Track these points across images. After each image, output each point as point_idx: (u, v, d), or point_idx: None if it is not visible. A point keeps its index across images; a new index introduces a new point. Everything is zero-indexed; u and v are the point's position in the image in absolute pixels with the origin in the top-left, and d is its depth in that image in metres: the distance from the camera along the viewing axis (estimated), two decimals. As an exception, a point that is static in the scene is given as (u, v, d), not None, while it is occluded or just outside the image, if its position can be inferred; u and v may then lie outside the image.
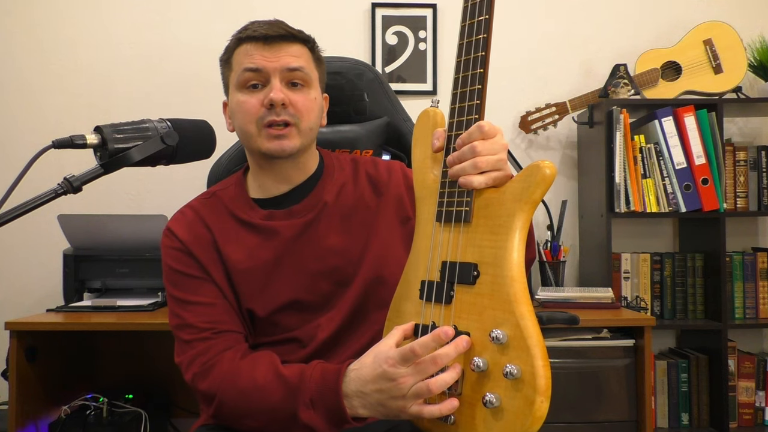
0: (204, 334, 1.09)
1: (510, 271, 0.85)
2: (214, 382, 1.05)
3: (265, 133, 1.11)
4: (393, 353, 0.89)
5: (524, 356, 0.80)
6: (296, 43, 1.15)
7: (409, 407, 0.89)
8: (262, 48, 1.12)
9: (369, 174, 1.24)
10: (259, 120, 1.11)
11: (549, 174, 0.85)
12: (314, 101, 1.16)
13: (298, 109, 1.12)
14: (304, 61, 1.15)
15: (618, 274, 2.38)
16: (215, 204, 1.20)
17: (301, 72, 1.13)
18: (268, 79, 1.12)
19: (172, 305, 1.15)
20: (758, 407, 2.35)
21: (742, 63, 2.40)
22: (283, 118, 1.11)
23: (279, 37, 1.12)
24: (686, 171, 2.27)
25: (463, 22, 0.95)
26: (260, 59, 1.11)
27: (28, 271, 2.44)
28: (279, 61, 1.12)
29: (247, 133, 1.14)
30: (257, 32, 1.12)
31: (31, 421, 1.85)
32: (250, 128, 1.12)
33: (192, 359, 1.08)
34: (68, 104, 2.48)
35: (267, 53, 1.11)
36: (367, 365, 0.93)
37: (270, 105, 1.10)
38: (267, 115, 1.11)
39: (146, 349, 2.23)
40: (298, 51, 1.14)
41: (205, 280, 1.13)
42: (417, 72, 2.54)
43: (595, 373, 1.90)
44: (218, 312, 1.12)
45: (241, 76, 1.12)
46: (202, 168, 1.52)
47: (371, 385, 0.91)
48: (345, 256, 1.15)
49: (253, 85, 1.12)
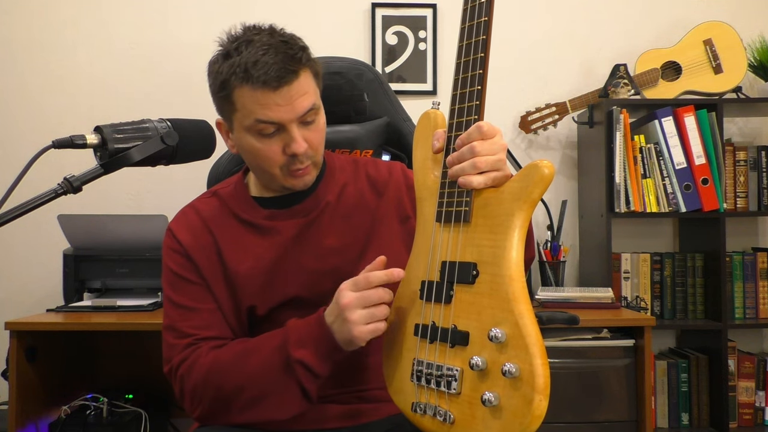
0: (187, 340, 1.11)
1: (509, 270, 0.85)
2: (201, 371, 1.07)
3: (291, 175, 1.13)
4: (351, 280, 1.00)
5: (523, 355, 0.81)
6: (301, 73, 1.08)
7: (352, 330, 0.97)
8: (272, 94, 1.05)
9: (369, 174, 1.25)
10: (283, 167, 1.12)
11: (547, 173, 0.85)
12: (323, 128, 1.16)
13: (314, 147, 1.13)
14: (312, 93, 1.10)
15: (618, 274, 2.38)
16: (217, 203, 1.21)
17: (312, 109, 1.10)
18: (283, 126, 1.08)
19: (165, 304, 1.17)
20: (758, 407, 2.35)
21: (742, 63, 2.40)
22: (306, 163, 1.13)
23: (288, 80, 1.05)
24: (686, 171, 2.27)
25: (463, 23, 0.95)
26: (275, 110, 1.06)
27: (28, 271, 2.45)
28: (294, 110, 1.07)
29: (269, 175, 1.14)
30: (267, 81, 1.04)
31: (31, 421, 1.86)
32: (274, 172, 1.13)
33: (177, 364, 1.10)
34: (68, 104, 2.48)
35: (279, 100, 1.05)
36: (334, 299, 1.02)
37: (293, 155, 1.10)
38: (291, 164, 1.11)
39: (146, 349, 2.23)
40: (305, 84, 1.08)
41: (199, 285, 1.15)
42: (417, 72, 2.54)
43: (595, 373, 1.90)
44: (206, 318, 1.13)
45: (255, 126, 1.08)
46: (202, 168, 1.52)
47: (334, 311, 1.00)
48: (345, 255, 1.16)
49: (268, 132, 1.09)
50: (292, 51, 1.07)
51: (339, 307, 0.99)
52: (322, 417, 1.13)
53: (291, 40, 1.09)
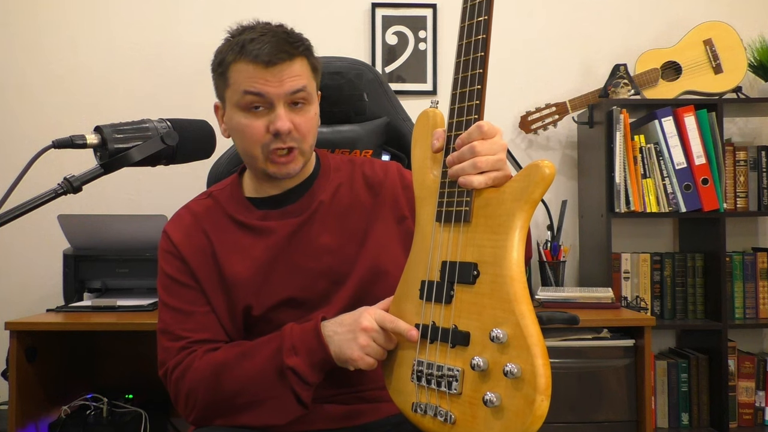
0: (181, 343, 1.11)
1: (510, 270, 0.85)
2: (195, 375, 1.07)
3: (271, 158, 1.12)
4: (380, 312, 1.01)
5: (524, 355, 0.81)
6: (297, 58, 1.11)
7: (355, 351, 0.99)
8: (263, 71, 1.08)
9: (365, 174, 1.24)
10: (264, 146, 1.11)
11: (548, 173, 0.85)
12: (314, 119, 1.16)
13: (301, 132, 1.13)
14: (305, 78, 1.12)
15: (618, 274, 2.38)
16: (212, 205, 1.21)
17: (303, 92, 1.11)
18: (271, 103, 1.09)
19: (160, 308, 1.17)
20: (758, 407, 2.35)
21: (742, 63, 2.40)
22: (288, 144, 1.12)
23: (281, 59, 1.08)
24: (686, 171, 2.27)
25: (463, 22, 0.95)
26: (263, 84, 1.08)
27: (28, 271, 2.44)
28: (282, 86, 1.09)
29: (250, 156, 1.14)
30: (259, 55, 1.07)
31: (31, 421, 1.85)
32: (255, 152, 1.12)
33: (172, 368, 1.10)
34: (68, 104, 2.48)
35: (269, 77, 1.08)
36: (350, 313, 1.04)
37: (276, 133, 1.10)
38: (272, 142, 1.11)
39: (146, 349, 2.20)
40: (299, 69, 1.11)
41: (194, 288, 1.15)
42: (417, 72, 2.54)
43: (595, 373, 1.90)
44: (200, 321, 1.13)
45: (242, 99, 1.09)
46: (202, 168, 1.52)
47: (346, 325, 1.02)
48: (339, 254, 1.16)
49: (255, 106, 1.10)
50: (291, 39, 1.10)
51: (356, 325, 1.01)
52: (322, 417, 1.13)
53: (294, 33, 1.13)
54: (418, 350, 0.95)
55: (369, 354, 0.99)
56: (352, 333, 1.00)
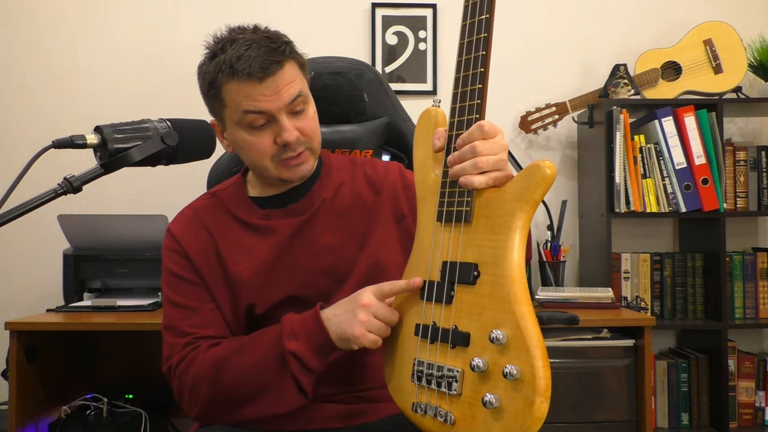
0: (186, 339, 1.11)
1: (510, 271, 0.85)
2: (198, 369, 1.07)
3: (283, 165, 1.13)
4: (377, 285, 1.01)
5: (524, 357, 0.80)
6: (285, 63, 1.09)
7: (356, 328, 0.98)
8: (258, 86, 1.06)
9: (367, 174, 1.25)
10: (275, 157, 1.12)
11: (549, 174, 0.85)
12: (315, 117, 1.17)
13: (307, 134, 1.13)
14: (299, 81, 1.12)
15: (618, 274, 2.38)
16: (216, 204, 1.22)
17: (300, 97, 1.11)
18: (273, 117, 1.09)
19: (164, 305, 1.18)
20: (758, 407, 2.35)
21: (742, 63, 2.40)
22: (299, 151, 1.12)
23: (272, 71, 1.07)
24: (686, 171, 2.27)
25: (464, 21, 0.95)
26: (262, 101, 1.07)
27: (28, 271, 2.44)
28: (281, 98, 1.08)
29: (261, 167, 1.14)
30: (251, 72, 1.05)
31: (31, 421, 1.85)
32: (265, 164, 1.13)
33: (176, 363, 1.10)
34: (68, 104, 2.48)
35: (266, 91, 1.07)
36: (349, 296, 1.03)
37: (284, 144, 1.10)
38: (283, 153, 1.11)
39: (146, 349, 2.22)
40: (290, 74, 1.10)
41: (198, 285, 1.15)
42: (417, 72, 2.54)
43: (595, 373, 1.90)
44: (205, 317, 1.14)
45: (244, 119, 1.09)
46: (202, 168, 1.52)
47: (345, 305, 1.02)
48: (340, 253, 1.17)
49: (258, 124, 1.10)
50: (275, 45, 1.09)
51: (355, 303, 1.00)
52: (322, 417, 1.13)
53: (274, 36, 1.11)
54: (418, 350, 0.95)
55: (371, 330, 0.99)
56: (352, 311, 1.00)
